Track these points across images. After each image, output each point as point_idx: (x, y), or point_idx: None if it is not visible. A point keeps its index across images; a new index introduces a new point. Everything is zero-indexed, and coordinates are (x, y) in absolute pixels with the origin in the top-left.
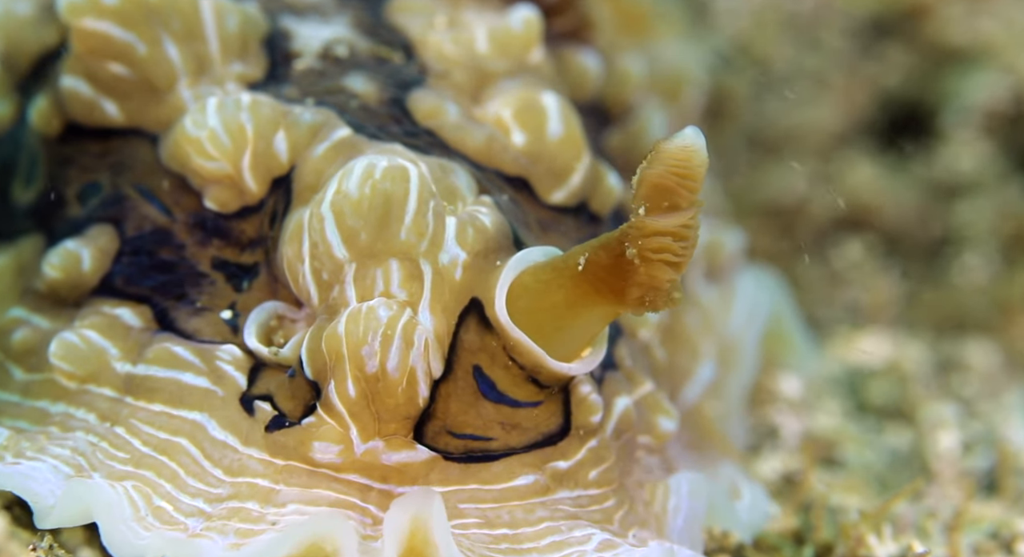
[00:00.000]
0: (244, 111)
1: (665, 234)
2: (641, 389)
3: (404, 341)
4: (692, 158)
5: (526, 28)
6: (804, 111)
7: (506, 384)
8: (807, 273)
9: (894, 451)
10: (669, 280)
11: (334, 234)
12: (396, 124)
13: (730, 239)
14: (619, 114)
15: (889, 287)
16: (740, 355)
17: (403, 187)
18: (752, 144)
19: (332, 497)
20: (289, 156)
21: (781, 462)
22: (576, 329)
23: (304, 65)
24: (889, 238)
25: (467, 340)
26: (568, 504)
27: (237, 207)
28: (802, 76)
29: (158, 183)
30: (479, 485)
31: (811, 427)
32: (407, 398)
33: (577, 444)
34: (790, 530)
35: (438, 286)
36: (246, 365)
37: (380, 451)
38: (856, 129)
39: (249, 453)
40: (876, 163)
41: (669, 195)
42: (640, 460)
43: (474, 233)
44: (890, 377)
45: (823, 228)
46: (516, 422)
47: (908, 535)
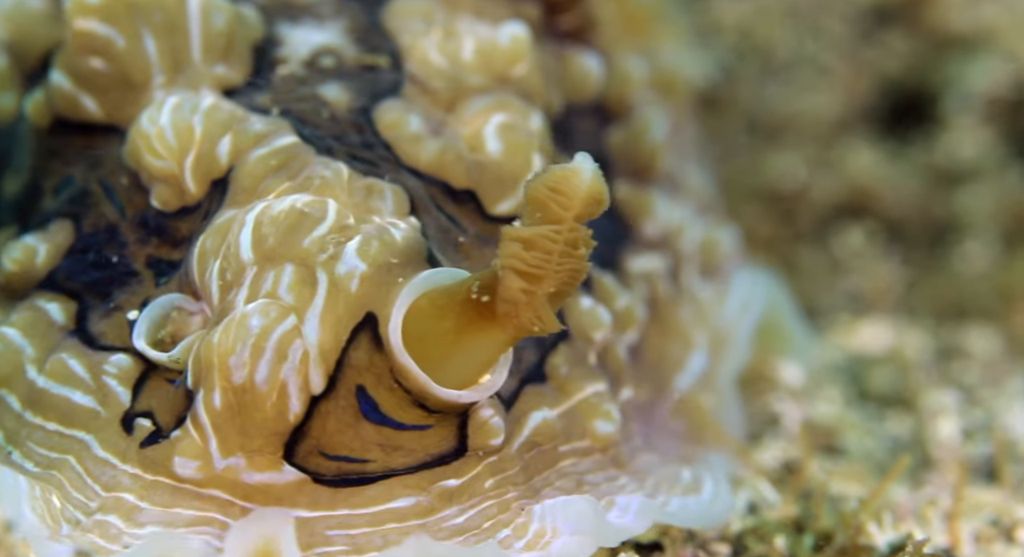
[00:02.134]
0: (198, 113)
1: (520, 241)
2: (574, 398)
3: (276, 353)
4: (571, 177)
5: (513, 44)
6: (805, 98)
7: (390, 407)
8: (807, 260)
9: (895, 439)
10: (523, 290)
11: (247, 237)
12: (357, 134)
13: (726, 237)
14: (621, 114)
15: (890, 274)
16: (730, 344)
17: (322, 213)
18: (753, 130)
19: (191, 515)
20: (229, 159)
21: (782, 450)
22: (467, 356)
23: (286, 71)
24: (890, 225)
25: (355, 357)
26: (455, 514)
27: (177, 207)
28: (803, 63)
29: (118, 179)
30: (350, 510)
31: (812, 415)
32: (276, 413)
33: (473, 463)
34: (790, 518)
35: (332, 296)
36: (133, 375)
37: (241, 469)
38: (857, 116)
39: (124, 469)
40: (877, 150)
41: (540, 207)
42: (563, 468)
43: (379, 246)
44: (891, 365)
45: (824, 215)
46: (399, 444)
47: (908, 523)
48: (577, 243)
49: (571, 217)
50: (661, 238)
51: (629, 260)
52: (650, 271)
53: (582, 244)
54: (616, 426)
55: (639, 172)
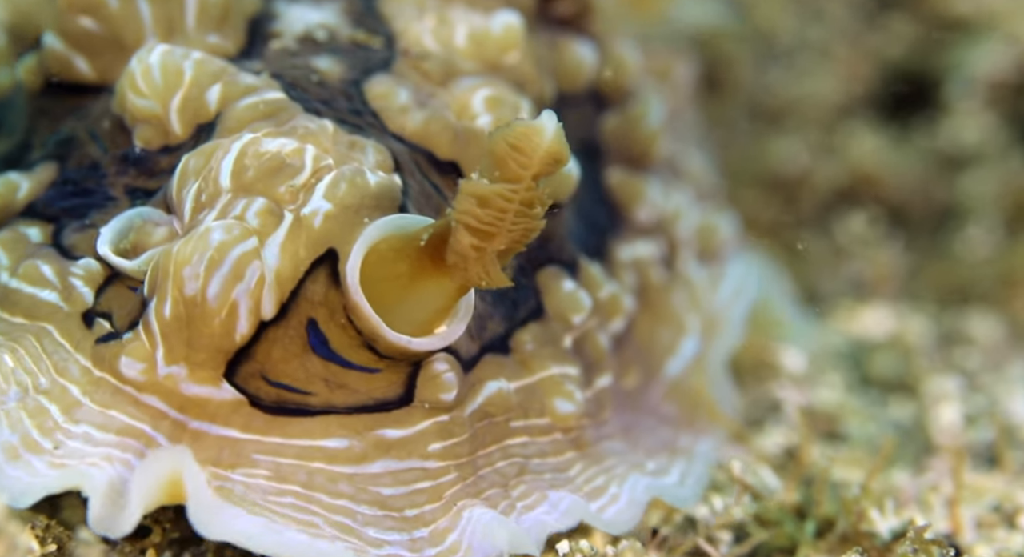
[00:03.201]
0: (189, 60)
1: (476, 197)
2: (536, 375)
3: (233, 271)
4: (531, 135)
5: (505, 33)
6: (807, 82)
7: (340, 344)
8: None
9: (897, 424)
10: (473, 247)
11: (228, 164)
12: (346, 101)
13: (724, 223)
14: (617, 100)
15: (892, 260)
16: (723, 327)
17: (300, 164)
18: (754, 115)
19: (124, 423)
20: (217, 106)
21: (783, 436)
22: (420, 303)
23: (279, 45)
24: (892, 210)
25: (311, 290)
26: (387, 481)
27: (160, 145)
28: (805, 47)
29: (103, 125)
30: (282, 439)
31: (813, 401)
32: (223, 330)
33: (419, 415)
34: (792, 505)
35: (295, 229)
36: (99, 279)
37: (181, 379)
38: (859, 101)
39: (76, 357)
40: (879, 135)
41: (499, 164)
42: (511, 447)
43: (347, 187)
44: (893, 350)
45: (826, 200)
46: (344, 382)
47: (911, 509)
48: (533, 202)
49: (529, 176)
50: (655, 224)
51: (619, 248)
52: (641, 258)
53: (538, 203)
54: (577, 407)
55: (635, 159)
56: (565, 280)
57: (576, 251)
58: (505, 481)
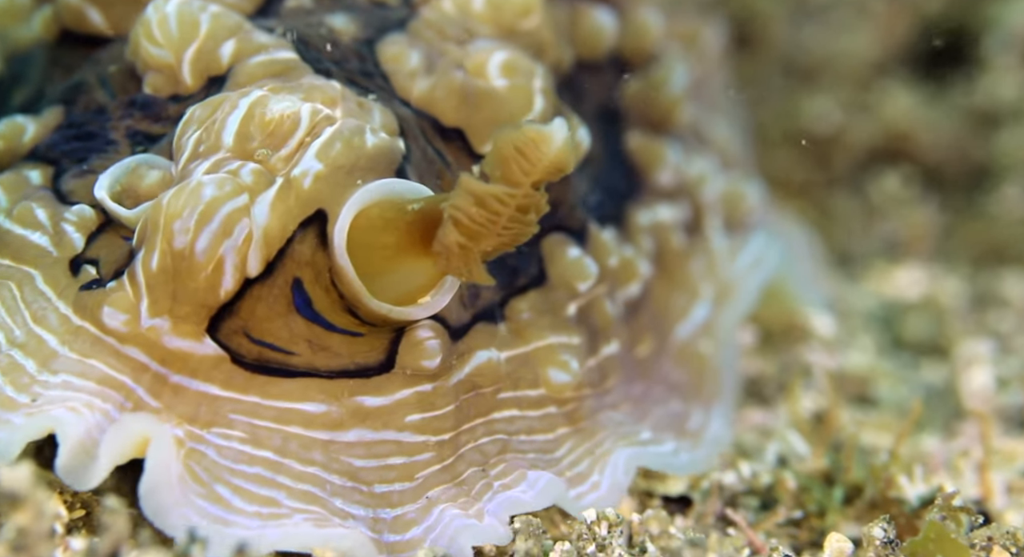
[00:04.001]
0: (206, 13)
1: (473, 195)
2: (531, 344)
3: (222, 227)
4: (540, 143)
5: None
6: (842, 39)
7: (323, 306)
8: (842, 206)
9: (929, 387)
10: (459, 243)
11: (234, 122)
12: (358, 61)
13: (751, 191)
14: (639, 64)
15: (926, 219)
16: (736, 294)
17: (299, 123)
18: (788, 72)
19: (103, 373)
20: (230, 61)
21: (812, 401)
22: (402, 276)
23: (295, 3)
24: (927, 169)
25: (299, 250)
26: (360, 452)
27: (169, 94)
28: (841, 3)
29: (113, 71)
30: (260, 398)
31: (844, 364)
32: (208, 285)
33: (399, 383)
34: (820, 471)
35: (285, 188)
36: (91, 226)
37: (164, 331)
38: (895, 58)
39: (57, 306)
40: (915, 92)
41: (502, 165)
42: (496, 423)
43: (342, 147)
44: (926, 312)
45: (859, 159)
46: (327, 344)
47: (940, 475)
48: (529, 209)
49: (529, 182)
50: (677, 188)
51: (638, 212)
52: (661, 222)
53: (534, 210)
54: (572, 377)
55: (656, 123)
56: (571, 247)
57: (586, 217)
58: (485, 460)
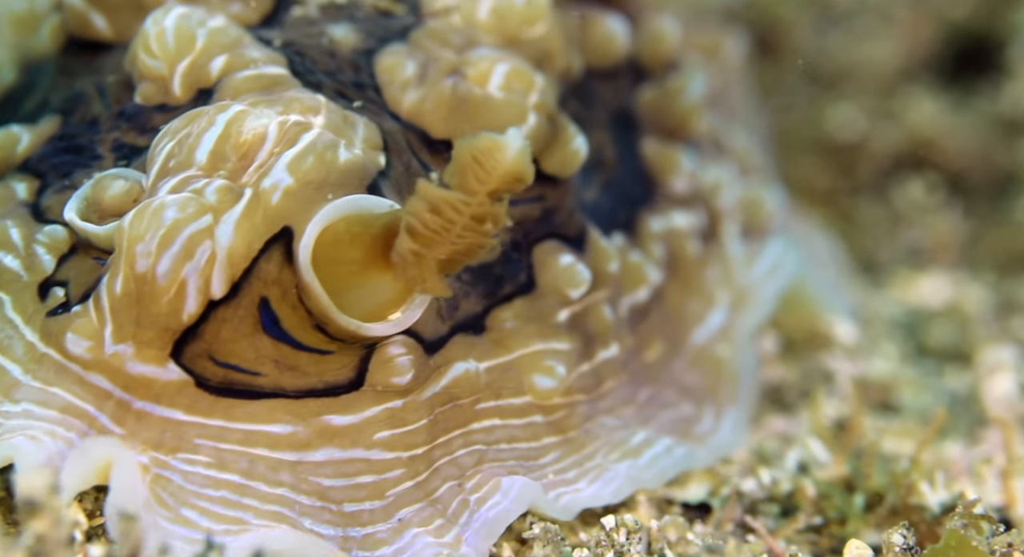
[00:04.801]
0: (204, 27)
1: (428, 201)
2: (514, 353)
3: (184, 250)
4: (495, 152)
5: (529, 5)
6: (867, 46)
7: (291, 324)
8: (866, 213)
9: (952, 395)
10: (412, 251)
11: (209, 140)
12: (352, 72)
13: (770, 197)
14: (657, 71)
15: (951, 227)
16: (753, 301)
17: (261, 140)
18: (812, 80)
19: (66, 401)
20: (219, 74)
21: (834, 408)
22: (370, 291)
23: (301, 12)
24: (952, 177)
25: (265, 269)
26: (329, 472)
27: (157, 103)
28: (866, 10)
29: (111, 81)
30: (225, 422)
31: (867, 372)
32: (171, 309)
33: (368, 401)
34: (840, 478)
35: (252, 205)
36: (63, 247)
37: (127, 357)
38: (920, 64)
39: (23, 333)
40: (939, 99)
41: (460, 174)
42: (474, 433)
43: (314, 161)
44: (950, 319)
45: (884, 166)
46: (295, 364)
47: (962, 482)
48: (485, 218)
49: (484, 192)
50: (692, 194)
51: (651, 219)
52: (676, 229)
53: (490, 220)
54: (558, 383)
55: (672, 131)
56: (563, 254)
57: (586, 223)
58: (461, 472)
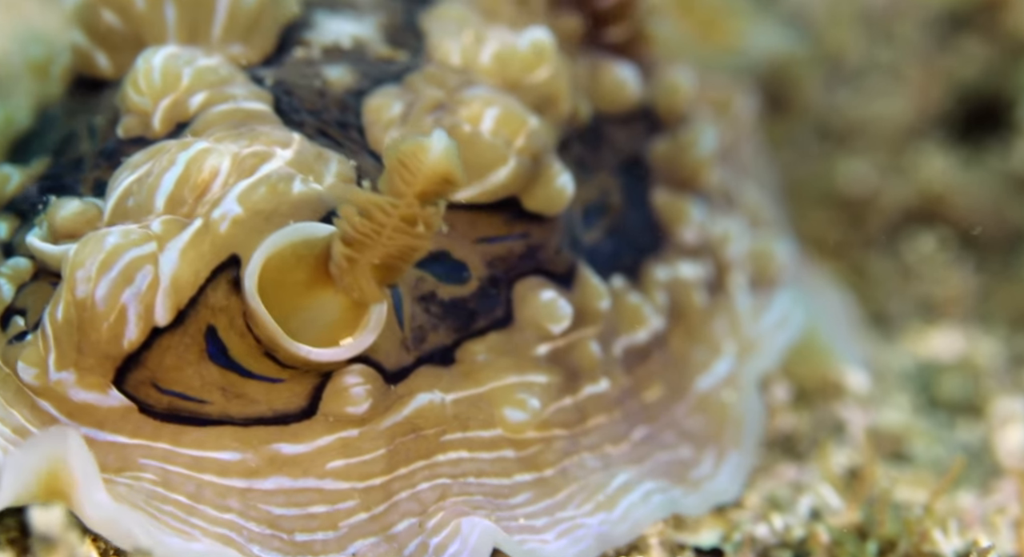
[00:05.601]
0: (190, 66)
1: (357, 206)
2: (485, 386)
3: (122, 274)
4: (417, 152)
5: (532, 49)
6: (877, 103)
7: (240, 352)
8: (877, 266)
9: (964, 446)
10: (345, 256)
11: (168, 183)
12: (339, 112)
13: (781, 250)
14: (672, 123)
15: (962, 281)
16: (759, 352)
17: (213, 175)
18: (823, 135)
19: (18, 422)
20: (197, 108)
21: (847, 457)
22: (317, 312)
23: (304, 54)
24: (963, 232)
25: (212, 298)
26: (280, 500)
27: (136, 136)
28: (876, 69)
29: (101, 121)
30: (171, 446)
31: (879, 422)
32: (111, 336)
33: (320, 429)
34: (853, 524)
35: (200, 234)
36: (25, 277)
37: (69, 384)
38: (931, 122)
39: None
40: (951, 156)
41: (387, 177)
42: (439, 465)
43: (265, 192)
44: (962, 372)
45: (894, 221)
46: (242, 392)
47: (975, 530)
48: (414, 220)
49: (412, 193)
50: (701, 245)
51: (656, 267)
52: (683, 279)
53: (421, 222)
54: (530, 416)
55: (682, 182)
56: (545, 290)
57: (576, 261)
58: (423, 509)
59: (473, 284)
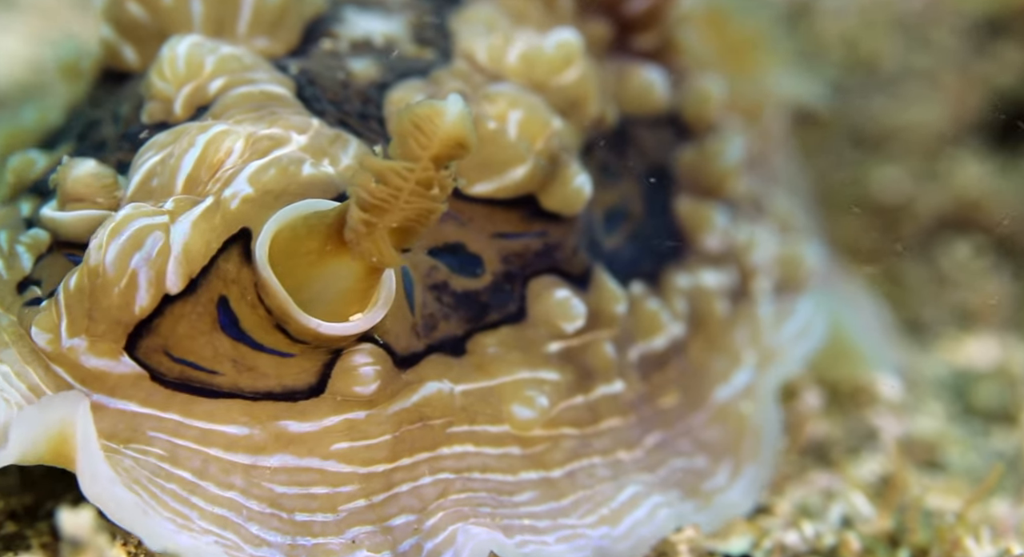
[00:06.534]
0: (214, 54)
1: (373, 172)
2: (496, 379)
3: (131, 239)
4: (434, 117)
5: (559, 50)
6: (912, 110)
7: (250, 324)
8: (912, 274)
9: (999, 454)
10: (364, 221)
11: (188, 163)
12: (360, 104)
13: (810, 254)
14: (700, 131)
15: (998, 289)
16: (779, 361)
17: (228, 155)
18: (857, 142)
19: (33, 381)
20: (216, 92)
21: (879, 464)
22: (328, 282)
23: (330, 46)
24: (999, 239)
25: (224, 268)
26: (282, 479)
27: (159, 121)
28: (911, 76)
29: (125, 108)
30: (181, 417)
31: (913, 430)
32: (123, 302)
33: (328, 409)
34: (885, 532)
35: (211, 209)
36: (42, 248)
37: (81, 351)
38: (967, 129)
39: (2, 316)
40: (987, 163)
41: (402, 142)
42: (443, 459)
43: (276, 173)
44: (998, 380)
45: (929, 228)
46: (253, 364)
47: (1009, 538)
48: (431, 183)
49: (427, 157)
50: (725, 252)
51: (677, 274)
52: (704, 288)
53: (437, 185)
54: (538, 414)
55: (707, 190)
56: (560, 289)
57: (593, 264)
58: (423, 506)
59: (487, 278)
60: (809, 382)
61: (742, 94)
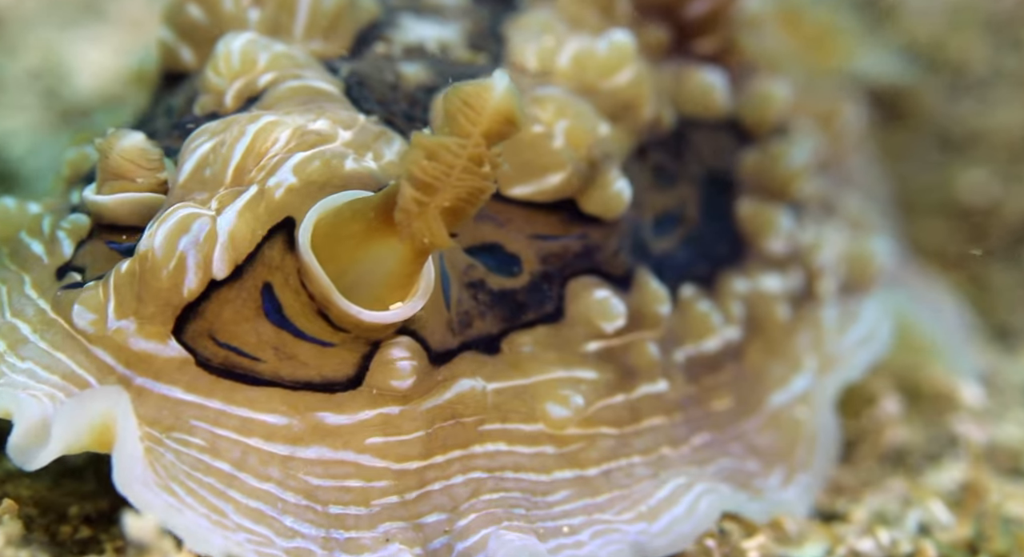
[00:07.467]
0: (266, 51)
1: (424, 149)
2: (531, 378)
3: (179, 223)
4: (482, 93)
5: (611, 52)
6: (1000, 112)
7: (294, 311)
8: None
9: None
10: (416, 200)
11: (238, 153)
12: (407, 105)
13: (880, 249)
14: (763, 134)
15: None
16: (840, 368)
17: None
18: (943, 145)
19: (69, 368)
20: (266, 84)
21: (960, 471)
22: (372, 265)
23: (383, 50)
24: None
25: (269, 255)
26: (318, 471)
27: (210, 112)
28: (1001, 77)
29: (179, 101)
30: (224, 404)
31: (997, 436)
32: (171, 284)
33: (364, 402)
34: (963, 540)
35: (255, 198)
36: (82, 233)
37: (129, 333)
38: None
39: (37, 302)
40: None
41: (450, 120)
42: (476, 457)
43: (320, 165)
44: None
45: (1017, 231)
46: (294, 353)
47: None
48: (481, 160)
49: (478, 132)
50: (790, 255)
51: (735, 279)
52: (760, 292)
53: (487, 161)
54: (573, 413)
55: (772, 193)
56: (599, 289)
57: (636, 266)
58: (454, 505)
59: (524, 277)
60: (888, 388)
61: (816, 97)
